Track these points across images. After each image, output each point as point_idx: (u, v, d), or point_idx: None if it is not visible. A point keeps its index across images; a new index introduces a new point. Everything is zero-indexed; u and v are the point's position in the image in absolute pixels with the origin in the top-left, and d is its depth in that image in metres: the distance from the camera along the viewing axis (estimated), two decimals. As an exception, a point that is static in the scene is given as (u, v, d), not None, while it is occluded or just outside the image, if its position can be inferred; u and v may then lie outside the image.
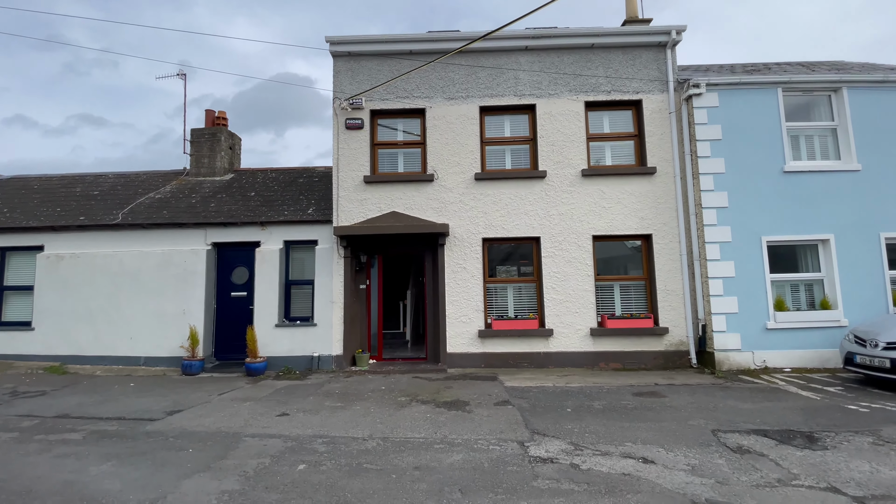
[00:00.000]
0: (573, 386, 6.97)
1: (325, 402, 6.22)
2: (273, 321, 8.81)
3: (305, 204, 9.73)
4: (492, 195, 8.79)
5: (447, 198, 8.81)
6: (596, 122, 9.13)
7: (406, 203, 8.82)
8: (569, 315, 8.48)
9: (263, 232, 9.18)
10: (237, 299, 9.33)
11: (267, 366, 8.45)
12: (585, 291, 8.53)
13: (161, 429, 5.16)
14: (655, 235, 8.64)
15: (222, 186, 10.92)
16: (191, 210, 9.80)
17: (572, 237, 8.65)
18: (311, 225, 9.13)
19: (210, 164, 11.61)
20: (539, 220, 8.71)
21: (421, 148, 9.14)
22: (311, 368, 8.57)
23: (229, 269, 9.43)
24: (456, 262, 8.68)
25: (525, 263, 8.98)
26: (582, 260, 8.60)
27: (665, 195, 8.71)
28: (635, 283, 8.86)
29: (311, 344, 8.66)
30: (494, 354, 8.44)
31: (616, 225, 8.68)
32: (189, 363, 8.41)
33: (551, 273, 8.60)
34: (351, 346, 8.64)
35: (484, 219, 8.75)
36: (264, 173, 11.54)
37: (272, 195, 10.25)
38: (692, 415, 5.43)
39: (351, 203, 8.88)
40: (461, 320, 8.54)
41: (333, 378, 7.84)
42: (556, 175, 8.79)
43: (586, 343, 8.43)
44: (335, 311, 8.65)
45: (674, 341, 8.43)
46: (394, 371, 8.21)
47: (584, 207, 8.71)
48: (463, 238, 8.72)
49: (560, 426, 5.02)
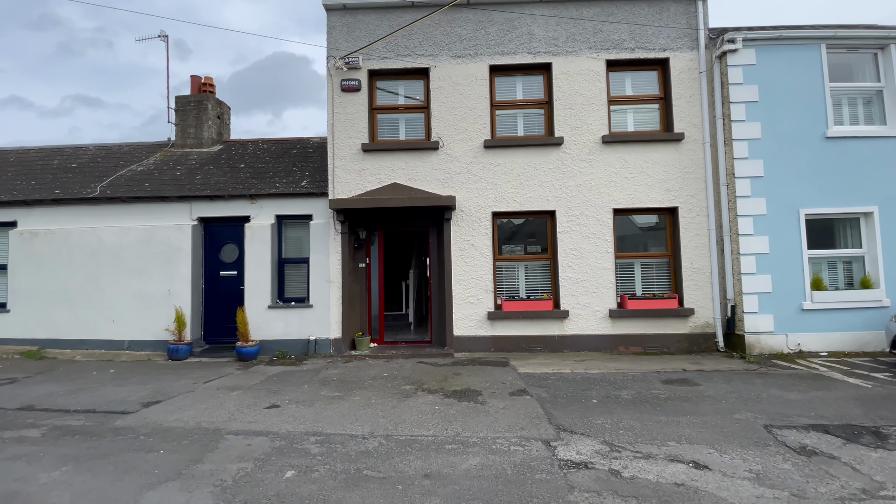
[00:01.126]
0: (594, 372, 6.34)
1: (320, 391, 5.59)
2: (265, 302, 8.14)
3: (299, 176, 8.96)
4: (502, 165, 8.01)
5: (453, 168, 8.03)
6: (618, 84, 8.28)
7: (408, 174, 8.06)
8: (586, 295, 7.81)
9: (253, 206, 8.44)
10: (227, 279, 8.65)
11: (259, 350, 7.82)
12: (604, 270, 7.84)
13: (133, 424, 4.54)
14: (682, 208, 7.90)
15: (210, 158, 10.13)
16: (175, 183, 9.03)
17: (591, 210, 7.91)
18: (304, 198, 8.38)
19: (197, 135, 10.78)
20: (554, 191, 7.95)
21: (424, 112, 8.31)
22: (308, 353, 7.94)
23: (217, 247, 8.72)
24: (463, 238, 7.96)
25: (538, 240, 8.26)
26: (601, 235, 7.88)
27: (693, 164, 7.93)
28: (658, 260, 8.16)
29: (306, 326, 8.01)
30: (505, 338, 7.80)
31: (639, 197, 7.92)
32: (175, 347, 7.78)
33: (567, 250, 7.88)
34: (350, 329, 8.00)
35: (494, 191, 7.99)
36: (255, 144, 10.72)
37: (263, 167, 9.47)
38: (735, 406, 4.79)
39: (348, 174, 8.11)
40: (469, 301, 7.88)
41: (331, 363, 7.22)
42: (574, 142, 7.99)
43: (604, 325, 7.78)
44: (332, 292, 7.98)
45: (699, 323, 7.77)
46: (396, 356, 7.58)
47: (603, 178, 7.94)
48: (471, 212, 7.98)
49: (588, 421, 4.38)
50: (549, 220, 8.12)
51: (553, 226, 8.02)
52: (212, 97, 10.97)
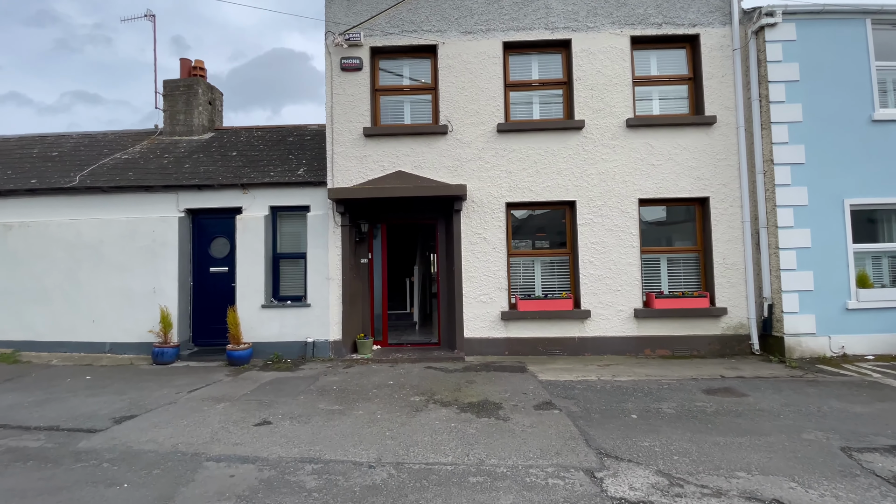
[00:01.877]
0: (623, 380, 5.69)
1: (318, 403, 4.93)
2: (259, 301, 7.47)
3: (295, 164, 8.27)
4: (517, 151, 7.33)
5: (464, 154, 7.35)
6: (643, 63, 7.58)
7: (414, 160, 7.37)
8: (609, 293, 7.15)
9: (245, 196, 7.75)
10: (218, 275, 7.97)
11: (252, 353, 7.16)
12: (629, 266, 7.17)
13: (99, 446, 3.87)
14: (713, 198, 7.22)
15: (200, 146, 9.43)
16: (161, 171, 8.34)
17: (614, 201, 7.23)
18: (301, 187, 7.69)
19: (186, 122, 10.07)
20: (574, 180, 7.27)
21: (432, 94, 7.62)
22: (305, 356, 7.28)
23: (207, 241, 8.04)
24: (474, 231, 7.29)
25: (556, 233, 7.59)
26: (625, 228, 7.21)
27: (725, 150, 7.25)
28: (686, 255, 7.49)
29: (304, 328, 7.35)
30: (520, 340, 7.14)
31: (666, 186, 7.24)
32: (160, 351, 7.12)
33: (588, 244, 7.21)
34: (351, 331, 7.34)
35: (508, 179, 7.31)
36: (249, 132, 10.02)
37: (257, 154, 8.78)
38: (799, 423, 4.14)
39: (348, 161, 7.42)
40: (481, 300, 7.21)
41: (331, 369, 6.56)
42: (596, 126, 7.30)
43: (629, 326, 7.12)
44: (332, 290, 7.31)
45: (732, 324, 7.12)
46: (402, 359, 6.93)
47: (628, 165, 7.26)
48: (483, 202, 7.30)
49: (633, 443, 3.73)
50: (569, 212, 7.45)
51: (573, 218, 7.34)
52: (202, 81, 10.26)
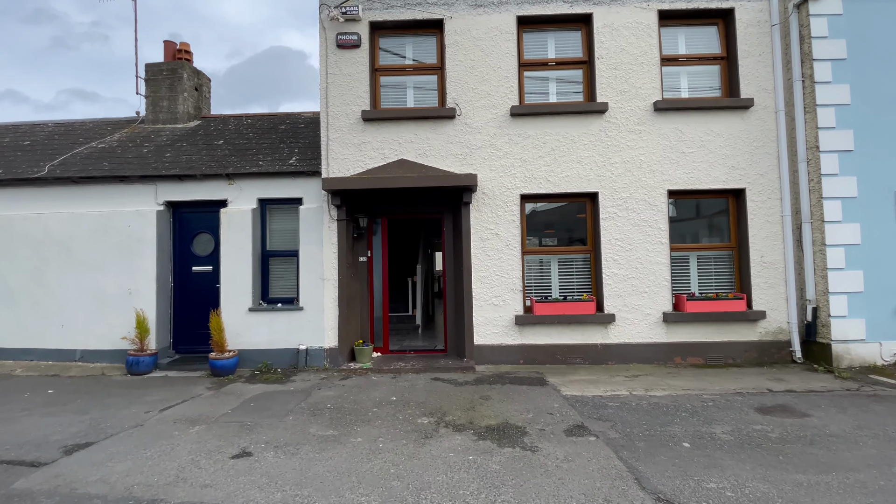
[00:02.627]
0: (659, 395, 4.99)
1: (309, 426, 4.20)
2: (245, 304, 6.73)
3: (287, 153, 7.53)
4: (533, 137, 6.61)
5: (473, 141, 6.62)
6: (671, 41, 6.86)
7: (419, 148, 6.64)
8: (635, 295, 6.44)
9: (231, 187, 7.01)
10: (201, 275, 7.24)
11: (238, 362, 6.43)
12: (658, 265, 6.47)
13: (37, 487, 3.14)
14: (749, 190, 6.52)
15: (184, 134, 8.67)
16: (139, 161, 7.58)
17: (641, 192, 6.52)
18: (293, 178, 6.96)
19: (170, 108, 9.31)
20: (596, 169, 6.56)
21: (438, 74, 6.88)
22: (297, 365, 6.55)
23: (189, 237, 7.30)
24: (485, 226, 6.57)
25: (576, 228, 6.88)
26: (653, 223, 6.50)
27: (763, 136, 6.55)
28: (718, 253, 6.79)
29: (296, 333, 6.62)
30: (537, 347, 6.43)
31: (698, 176, 6.54)
32: (135, 360, 6.38)
33: (612, 240, 6.50)
34: (348, 336, 6.62)
35: (522, 169, 6.59)
36: (238, 120, 9.26)
37: (245, 143, 8.03)
38: (886, 453, 3.44)
39: (345, 148, 6.69)
40: (492, 303, 6.50)
41: (325, 380, 5.84)
42: (620, 110, 6.58)
43: (657, 332, 6.42)
44: (327, 291, 6.58)
45: (771, 329, 6.42)
46: (405, 369, 6.21)
47: (656, 153, 6.55)
48: (494, 194, 6.58)
49: (697, 483, 3.02)
50: (590, 205, 6.73)
51: (595, 211, 6.63)
52: (188, 65, 9.50)
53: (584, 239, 6.78)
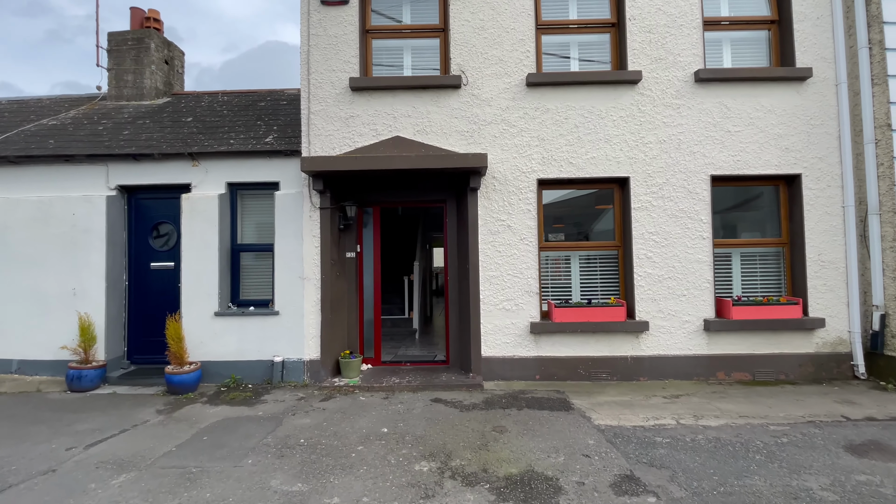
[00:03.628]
0: (714, 426, 4.02)
1: (271, 476, 3.20)
2: (211, 307, 5.70)
3: (264, 130, 6.47)
4: (553, 112, 5.60)
5: (482, 115, 5.60)
6: (713, 2, 5.86)
7: (417, 123, 5.62)
8: (671, 299, 5.47)
9: (196, 169, 5.95)
10: (162, 273, 6.19)
11: (201, 377, 5.40)
12: (698, 263, 5.49)
13: None
14: (806, 176, 5.55)
15: (150, 111, 7.59)
16: (91, 139, 6.50)
17: (679, 178, 5.53)
18: (268, 158, 5.91)
19: (136, 83, 8.22)
20: (627, 150, 5.56)
21: (440, 36, 5.85)
22: (271, 380, 5.54)
23: (147, 227, 6.24)
24: (495, 216, 5.56)
25: (603, 220, 5.89)
26: (693, 214, 5.52)
27: (822, 114, 5.57)
28: (764, 250, 5.82)
29: (270, 342, 5.60)
30: (555, 360, 5.45)
31: (746, 159, 5.55)
32: (77, 373, 5.34)
33: (646, 234, 5.52)
34: (332, 346, 5.60)
35: (540, 149, 5.58)
36: (213, 97, 8.19)
37: (217, 121, 6.96)
38: None
39: (330, 123, 5.65)
40: (503, 308, 5.50)
41: (303, 401, 4.83)
42: (655, 80, 5.58)
43: (697, 342, 5.46)
44: (308, 293, 5.57)
45: (829, 339, 5.47)
46: (400, 386, 5.21)
47: (697, 131, 5.56)
48: (507, 179, 5.57)
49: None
50: (619, 192, 5.74)
51: (625, 199, 5.64)
52: (156, 35, 8.42)
53: (612, 232, 5.79)
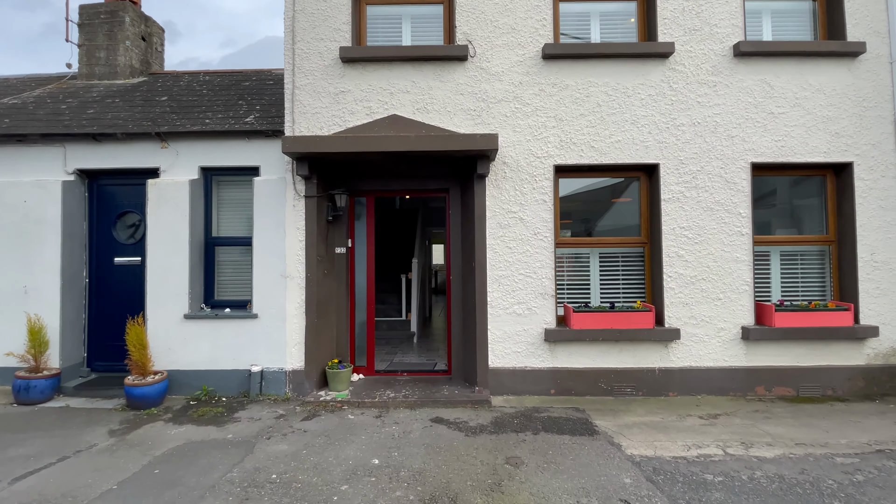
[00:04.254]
0: (769, 457, 3.36)
1: (232, 527, 2.52)
2: (180, 308, 5.00)
3: (246, 109, 5.76)
4: (572, 89, 4.91)
5: (491, 91, 4.91)
6: (753, -35, 5.17)
7: (417, 100, 4.92)
8: (705, 303, 4.80)
9: (165, 152, 5.24)
10: (128, 269, 5.49)
11: (167, 388, 4.72)
12: (736, 262, 4.82)
13: None
14: (858, 165, 4.88)
15: (122, 91, 6.85)
16: (51, 118, 5.78)
17: (715, 165, 4.86)
18: (248, 140, 5.21)
19: (109, 61, 7.49)
20: (656, 133, 4.88)
21: (444, 2, 5.15)
22: (248, 393, 4.85)
23: (111, 217, 5.54)
24: (506, 207, 4.88)
25: (627, 212, 5.21)
26: (731, 206, 4.85)
27: (875, 94, 4.90)
28: (807, 248, 5.17)
29: (247, 350, 4.91)
30: (573, 373, 4.78)
31: (791, 145, 4.88)
32: (24, 383, 4.65)
33: (677, 229, 4.85)
34: (319, 354, 4.92)
35: (557, 130, 4.90)
36: (194, 76, 7.46)
37: (195, 100, 6.25)
38: None
39: (317, 99, 4.95)
40: (514, 312, 4.83)
41: (283, 420, 4.16)
42: (689, 54, 4.90)
43: (734, 352, 4.80)
44: (290, 293, 4.88)
45: (882, 350, 4.83)
46: (395, 402, 4.54)
47: (736, 113, 4.88)
48: (519, 164, 4.89)
49: None
50: (645, 181, 5.07)
51: (653, 189, 4.97)
52: (132, 7, 7.68)
53: (637, 227, 5.11)
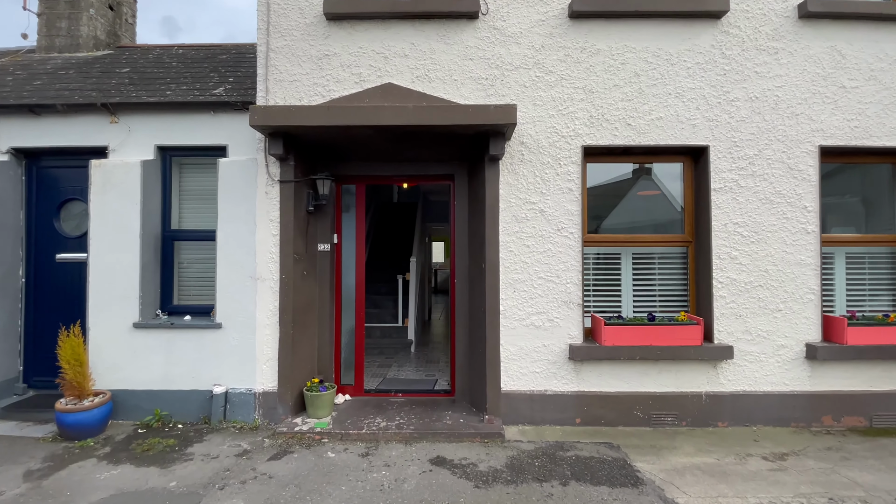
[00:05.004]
0: (877, 524, 2.55)
1: None
2: (130, 315, 4.15)
3: (216, 82, 4.91)
4: (605, 54, 4.07)
5: (507, 57, 4.07)
6: (820, -89, 4.33)
7: (417, 66, 4.08)
8: (762, 316, 3.98)
9: (115, 127, 4.39)
10: (73, 267, 4.65)
11: (110, 413, 3.89)
12: (800, 266, 4.00)
13: None
14: (946, 151, 4.07)
15: (80, 63, 6.00)
16: (-13, 89, 4.93)
17: (776, 148, 4.03)
18: (214, 113, 4.36)
19: (71, 31, 6.62)
20: (706, 109, 4.05)
21: (450, -50, 4.30)
22: (210, 419, 4.02)
23: (53, 205, 4.69)
24: (523, 196, 4.05)
25: (666, 205, 4.38)
26: (794, 198, 4.02)
27: (968, 66, 4.08)
28: (876, 249, 4.34)
29: (210, 366, 4.08)
30: (604, 398, 3.96)
31: (866, 126, 4.06)
32: (-66, 406, 3.82)
33: (729, 225, 4.02)
34: (296, 372, 4.09)
35: (586, 104, 4.06)
36: (166, 49, 6.59)
37: (160, 73, 5.39)
38: None
39: (297, 64, 4.10)
40: (531, 324, 4.00)
41: (246, 458, 3.33)
42: (745, 14, 4.06)
43: (796, 374, 3.98)
44: (262, 298, 4.04)
45: (971, 372, 4.02)
46: (387, 433, 3.71)
47: (801, 86, 4.05)
48: (540, 145, 4.05)
49: None
50: (690, 166, 4.24)
51: (700, 177, 4.14)
52: (97, -29, 6.80)
53: (679, 222, 4.28)
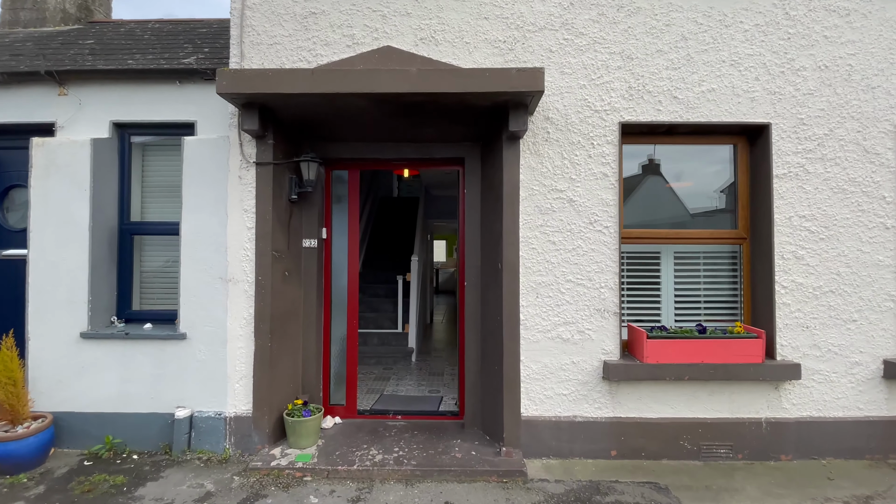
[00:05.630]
0: None
1: None
2: (77, 323, 3.48)
3: (189, 51, 4.24)
4: (646, 13, 3.41)
5: (529, 15, 3.41)
6: None
7: (421, 26, 3.42)
8: (834, 327, 3.33)
9: (64, 100, 3.72)
10: (19, 265, 3.98)
11: (52, 440, 3.22)
12: (877, 268, 3.35)
13: None
14: None
15: (43, 37, 5.33)
16: (-77, 59, 4.25)
17: (849, 127, 3.38)
18: (181, 84, 3.69)
19: (37, 4, 5.99)
20: (767, 80, 3.39)
21: None
22: (171, 448, 3.35)
23: (-5, 194, 4.03)
24: (548, 183, 3.39)
25: (714, 194, 3.72)
26: (871, 187, 3.38)
27: None
28: (960, 249, 3.70)
29: (172, 385, 3.41)
30: (645, 426, 3.30)
31: (955, 101, 3.42)
32: None
33: (794, 219, 3.37)
34: (274, 392, 3.42)
35: (624, 73, 3.40)
36: (142, 24, 5.91)
37: (129, 44, 4.72)
38: None
39: (278, 24, 3.44)
40: (559, 336, 3.35)
41: (208, 501, 2.67)
42: (813, -34, 3.42)
43: (872, 397, 3.33)
44: (235, 304, 3.38)
45: None
46: (383, 470, 3.05)
47: (877, 54, 3.40)
48: (569, 121, 3.39)
49: None
50: (745, 150, 3.58)
51: (758, 162, 3.48)
52: (64, -62, 6.14)
53: (732, 214, 3.63)
